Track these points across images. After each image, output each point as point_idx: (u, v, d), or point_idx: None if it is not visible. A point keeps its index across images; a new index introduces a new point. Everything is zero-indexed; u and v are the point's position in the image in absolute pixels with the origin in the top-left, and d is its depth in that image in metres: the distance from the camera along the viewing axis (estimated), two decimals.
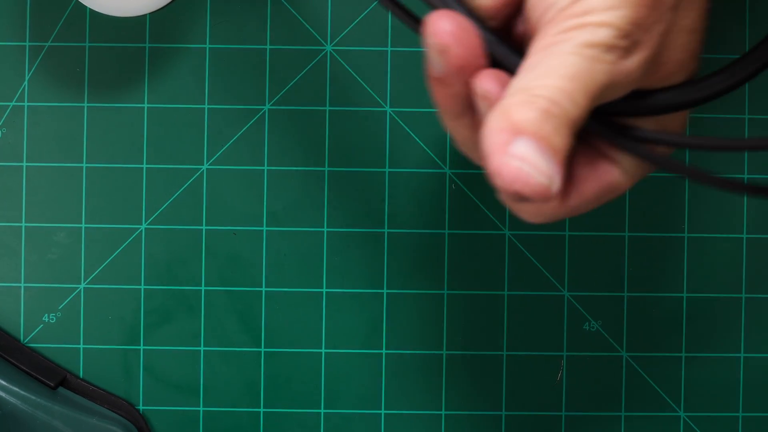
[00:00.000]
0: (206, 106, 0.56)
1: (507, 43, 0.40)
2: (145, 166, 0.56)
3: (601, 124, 0.41)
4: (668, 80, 0.41)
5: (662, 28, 0.40)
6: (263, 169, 0.56)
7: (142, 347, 0.56)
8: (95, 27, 0.55)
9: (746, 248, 0.56)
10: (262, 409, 0.56)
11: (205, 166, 0.56)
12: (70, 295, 0.56)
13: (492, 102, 0.39)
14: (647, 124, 0.42)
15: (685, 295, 0.56)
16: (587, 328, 0.56)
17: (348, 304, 0.56)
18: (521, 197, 0.37)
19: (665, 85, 0.41)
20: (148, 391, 0.56)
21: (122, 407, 0.55)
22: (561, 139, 0.38)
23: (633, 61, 0.39)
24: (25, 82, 0.55)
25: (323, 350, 0.56)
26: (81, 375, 0.56)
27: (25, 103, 0.55)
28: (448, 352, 0.56)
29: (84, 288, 0.56)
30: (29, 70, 0.55)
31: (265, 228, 0.56)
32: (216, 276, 0.56)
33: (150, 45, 0.55)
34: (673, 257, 0.56)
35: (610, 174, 0.42)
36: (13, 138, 0.55)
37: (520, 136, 0.37)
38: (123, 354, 0.56)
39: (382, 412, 0.56)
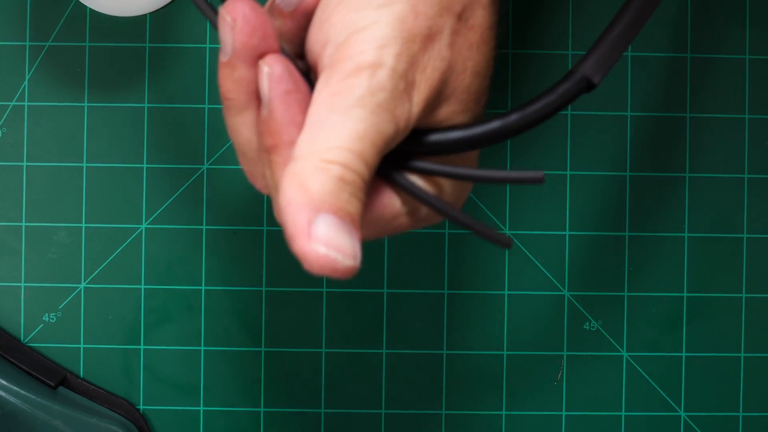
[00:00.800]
0: (206, 106, 0.56)
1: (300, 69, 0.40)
2: (145, 166, 0.56)
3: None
4: (450, 121, 0.41)
5: (440, 66, 0.40)
6: None
7: (142, 347, 0.56)
8: (95, 27, 0.55)
9: (746, 248, 0.56)
10: (262, 409, 0.56)
11: (205, 166, 0.56)
12: (71, 294, 0.56)
13: (276, 85, 0.39)
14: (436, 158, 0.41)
15: (685, 294, 0.56)
16: (587, 327, 0.56)
17: (348, 304, 0.56)
18: (328, 277, 0.38)
19: (446, 125, 0.41)
20: (149, 390, 0.56)
21: (122, 407, 0.55)
22: (357, 205, 0.38)
23: (414, 105, 0.39)
24: (25, 82, 0.55)
25: (323, 350, 0.56)
26: (81, 375, 0.56)
27: (25, 103, 0.55)
28: (448, 352, 0.56)
29: (84, 288, 0.56)
30: (29, 70, 0.55)
31: (265, 228, 0.56)
32: (216, 276, 0.56)
33: (150, 45, 0.55)
34: (673, 257, 0.56)
35: (391, 202, 0.41)
36: (13, 138, 0.55)
37: (320, 213, 0.37)
38: (123, 354, 0.56)
39: (382, 411, 0.56)
